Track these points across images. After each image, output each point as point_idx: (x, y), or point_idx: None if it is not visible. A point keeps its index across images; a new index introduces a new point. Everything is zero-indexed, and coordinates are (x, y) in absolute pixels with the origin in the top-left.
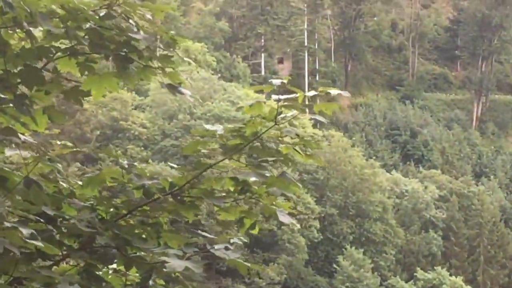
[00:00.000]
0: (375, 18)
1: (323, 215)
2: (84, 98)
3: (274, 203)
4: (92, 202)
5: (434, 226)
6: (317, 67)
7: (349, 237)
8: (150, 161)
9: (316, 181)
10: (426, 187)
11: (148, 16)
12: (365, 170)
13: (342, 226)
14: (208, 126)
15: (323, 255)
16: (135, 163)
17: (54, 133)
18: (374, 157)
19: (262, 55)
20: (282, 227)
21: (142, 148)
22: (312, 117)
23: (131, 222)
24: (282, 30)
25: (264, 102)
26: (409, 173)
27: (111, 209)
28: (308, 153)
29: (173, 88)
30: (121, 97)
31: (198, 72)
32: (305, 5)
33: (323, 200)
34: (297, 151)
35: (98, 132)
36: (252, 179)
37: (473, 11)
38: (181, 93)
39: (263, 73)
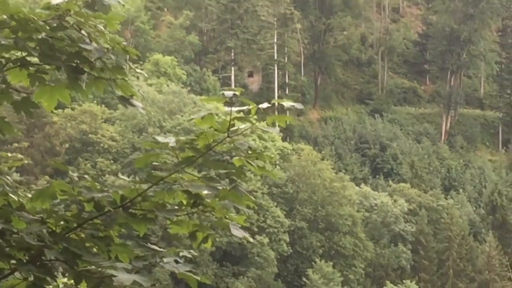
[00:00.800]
0: (345, 32)
1: (292, 228)
2: (53, 111)
3: (227, 216)
4: (42, 215)
5: (403, 240)
6: (287, 81)
7: (318, 250)
8: (119, 174)
9: (286, 194)
10: (395, 201)
11: (101, 27)
12: (335, 183)
13: (311, 240)
14: (160, 138)
15: (292, 268)
16: (105, 176)
17: (23, 146)
18: (343, 171)
19: (232, 68)
20: (252, 240)
21: (112, 162)
22: (264, 129)
23: (82, 235)
24: (252, 44)
25: (217, 114)
26: (379, 186)
27: (61, 222)
28: (260, 165)
29: (125, 100)
30: (90, 110)
31: (168, 86)
32: (275, 19)
33: (293, 213)
34: (250, 163)
35: (67, 145)
36: (205, 192)
37: (442, 25)
38: (132, 105)
39: (233, 86)
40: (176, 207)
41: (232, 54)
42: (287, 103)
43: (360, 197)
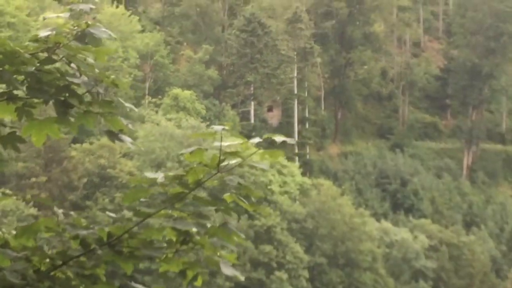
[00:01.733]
0: (365, 67)
1: (312, 264)
2: (71, 145)
3: (218, 254)
4: (26, 252)
5: (424, 276)
6: (306, 115)
7: (338, 286)
8: (125, 211)
9: (305, 230)
10: (416, 237)
11: (90, 60)
12: (355, 219)
13: (331, 276)
14: (148, 174)
15: None
16: (123, 211)
17: (41, 180)
18: (364, 206)
19: (252, 103)
20: (271, 276)
21: None
22: (254, 164)
23: (69, 273)
24: (271, 78)
25: (206, 150)
26: (399, 222)
27: (47, 260)
28: (251, 202)
29: (113, 135)
30: (108, 144)
31: (187, 120)
32: (295, 53)
33: (312, 249)
34: (241, 200)
35: (85, 180)
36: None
37: (464, 60)
38: (121, 140)
39: (252, 121)
40: (165, 244)
41: (252, 88)
42: (278, 138)
43: (381, 232)
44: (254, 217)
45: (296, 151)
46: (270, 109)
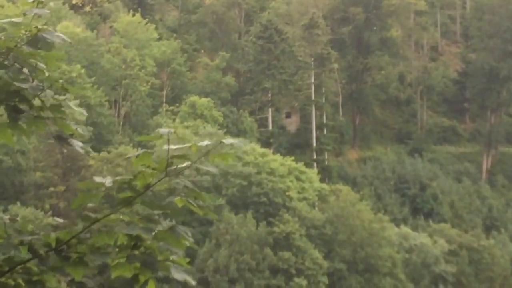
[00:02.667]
0: (383, 72)
1: (331, 270)
2: (89, 154)
3: (171, 258)
4: None
5: (444, 281)
6: (324, 121)
7: None
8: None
9: (324, 236)
10: (435, 241)
11: (42, 64)
12: (374, 224)
13: (351, 282)
14: (97, 179)
15: None
16: None
17: (59, 190)
18: (383, 211)
19: (269, 109)
20: (290, 282)
21: None
22: (204, 167)
23: (19, 280)
24: (289, 84)
25: (153, 153)
26: (419, 227)
27: None
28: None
29: (62, 139)
30: (126, 153)
31: (204, 127)
32: (312, 59)
33: (331, 255)
34: (191, 204)
35: (103, 189)
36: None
37: (481, 63)
38: (70, 145)
39: (270, 127)
40: (117, 249)
41: (269, 95)
42: (228, 140)
43: (400, 238)
44: (273, 223)
45: (315, 157)
46: (288, 116)
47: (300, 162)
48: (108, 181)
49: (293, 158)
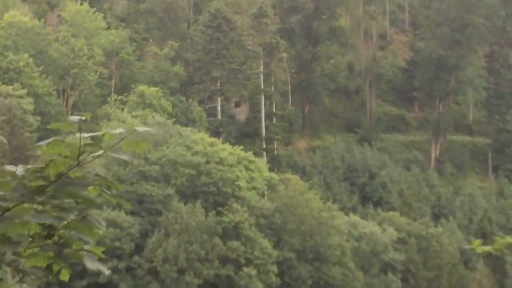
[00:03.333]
0: (332, 61)
1: (281, 259)
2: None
3: (85, 248)
4: None
5: (393, 269)
6: (274, 110)
7: (308, 281)
8: (104, 207)
9: (273, 225)
10: (384, 230)
11: None
12: (323, 213)
13: (300, 270)
14: (8, 167)
15: None
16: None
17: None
18: (332, 200)
19: (219, 99)
20: (240, 272)
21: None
22: (115, 155)
23: None
24: (238, 74)
25: (63, 141)
26: (368, 215)
27: None
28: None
29: None
30: (75, 143)
31: (153, 117)
32: (261, 48)
33: (281, 244)
34: (105, 192)
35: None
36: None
37: (429, 52)
38: None
39: (219, 117)
40: (30, 239)
41: (218, 84)
42: (141, 129)
43: (349, 226)
44: (222, 213)
45: (264, 146)
46: (237, 105)
47: (250, 152)
48: (19, 169)
49: (242, 147)
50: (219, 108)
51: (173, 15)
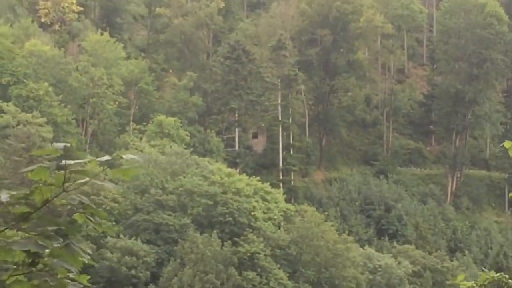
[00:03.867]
0: (349, 93)
1: None
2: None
3: (70, 276)
4: None
5: None
6: (291, 142)
7: None
8: (121, 235)
9: (289, 256)
10: (399, 262)
11: None
12: (339, 245)
13: None
14: None
15: None
16: (106, 238)
17: None
18: (348, 232)
19: (236, 129)
20: None
21: (114, 223)
22: (100, 183)
23: None
24: (256, 105)
25: (48, 168)
26: (383, 248)
27: None
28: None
29: None
30: (92, 171)
31: (171, 147)
32: (279, 80)
33: (296, 275)
34: (89, 219)
35: (68, 207)
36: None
37: (447, 86)
38: None
39: (237, 147)
40: (14, 267)
41: (236, 115)
42: (127, 156)
43: (364, 258)
44: (238, 243)
45: (281, 177)
46: (255, 136)
47: (266, 182)
48: (4, 196)
49: (259, 178)
50: (236, 138)
51: (192, 46)
